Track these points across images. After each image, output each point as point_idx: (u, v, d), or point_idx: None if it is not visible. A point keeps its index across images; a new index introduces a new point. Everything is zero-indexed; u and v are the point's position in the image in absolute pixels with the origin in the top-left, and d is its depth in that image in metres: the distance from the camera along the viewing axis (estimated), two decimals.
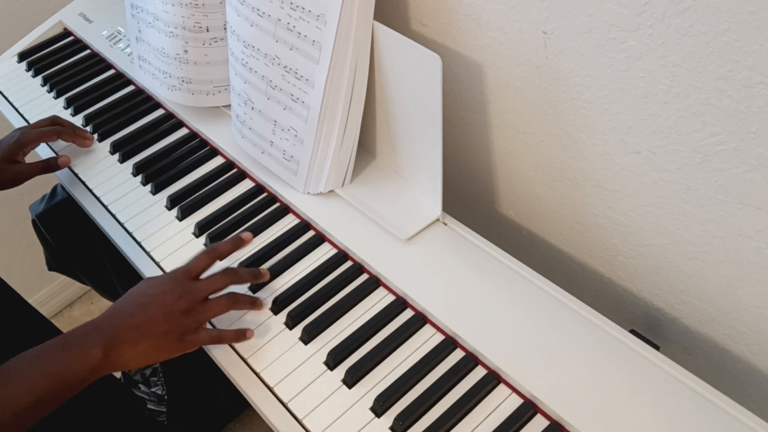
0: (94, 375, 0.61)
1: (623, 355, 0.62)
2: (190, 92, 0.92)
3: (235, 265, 0.77)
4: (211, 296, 0.67)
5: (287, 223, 0.81)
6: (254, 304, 0.71)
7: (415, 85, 0.71)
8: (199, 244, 0.80)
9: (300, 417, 0.63)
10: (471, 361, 0.65)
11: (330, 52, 0.71)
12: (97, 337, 0.61)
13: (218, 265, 0.72)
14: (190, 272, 0.68)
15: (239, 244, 0.72)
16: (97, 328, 0.63)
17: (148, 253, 0.81)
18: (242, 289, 0.74)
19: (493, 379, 0.63)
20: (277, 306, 0.72)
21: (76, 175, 0.93)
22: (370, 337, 0.68)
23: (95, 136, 0.98)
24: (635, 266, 0.76)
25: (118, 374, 1.28)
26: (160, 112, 1.00)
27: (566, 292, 0.68)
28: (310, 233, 0.79)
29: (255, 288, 0.74)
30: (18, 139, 0.89)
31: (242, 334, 0.68)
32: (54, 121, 0.94)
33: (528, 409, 0.61)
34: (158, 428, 1.18)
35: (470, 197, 0.93)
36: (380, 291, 0.72)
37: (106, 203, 0.88)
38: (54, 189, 1.11)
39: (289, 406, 0.64)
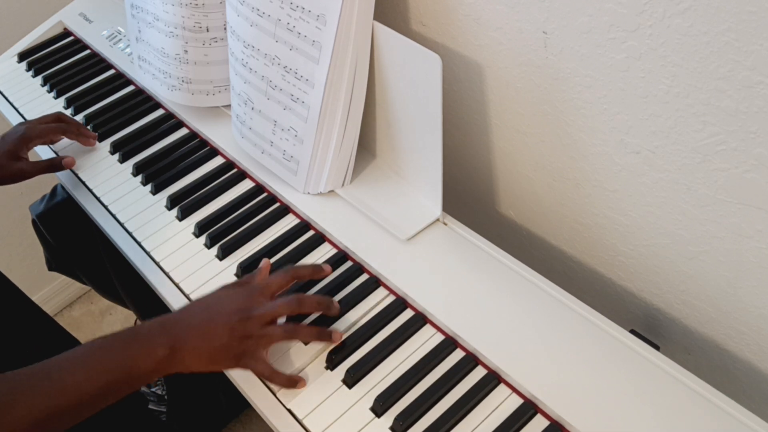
0: (157, 372, 0.61)
1: (623, 355, 0.62)
2: (190, 92, 0.92)
3: (234, 266, 0.77)
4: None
5: (287, 223, 0.81)
6: (321, 336, 0.67)
7: (415, 85, 0.71)
8: (199, 244, 0.80)
9: (300, 417, 0.63)
10: (471, 361, 0.65)
11: (330, 52, 0.71)
12: (165, 336, 0.61)
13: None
14: (265, 290, 0.67)
15: (320, 272, 0.71)
16: (165, 327, 0.63)
17: (148, 253, 0.81)
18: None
19: (493, 379, 0.63)
20: None
21: (76, 175, 0.93)
22: (370, 337, 0.68)
23: (95, 144, 0.98)
24: (635, 266, 0.76)
25: None
26: (160, 112, 1.00)
27: (566, 292, 0.68)
28: (310, 233, 0.79)
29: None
30: (23, 134, 0.89)
31: (294, 382, 0.65)
32: (58, 118, 0.94)
33: (528, 409, 0.61)
34: (158, 427, 1.18)
35: (470, 197, 0.93)
36: (380, 291, 0.72)
37: (106, 203, 0.88)
38: (54, 189, 1.11)
39: (289, 406, 0.64)
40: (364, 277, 0.74)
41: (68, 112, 1.04)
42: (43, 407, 0.55)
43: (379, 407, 0.62)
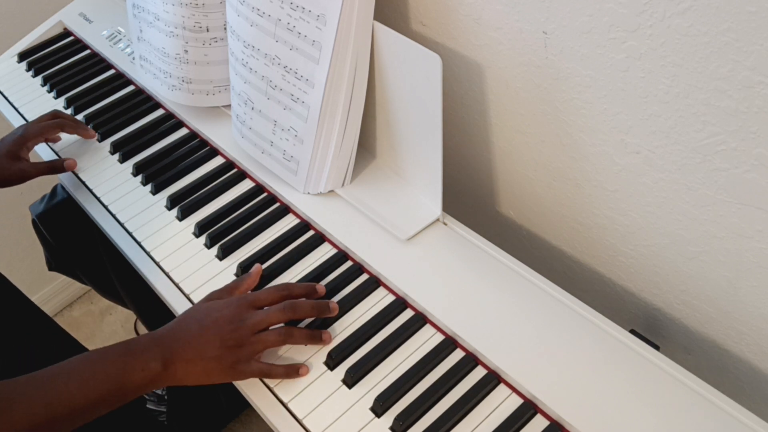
0: (151, 386, 0.61)
1: (623, 355, 0.62)
2: (190, 92, 0.92)
3: (234, 266, 0.77)
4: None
5: (287, 223, 0.81)
6: (313, 338, 0.67)
7: (415, 85, 0.71)
8: (199, 244, 0.80)
9: (300, 417, 0.63)
10: (471, 361, 0.65)
11: (330, 52, 0.71)
12: (157, 350, 0.62)
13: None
14: (255, 303, 0.67)
15: (312, 292, 0.70)
16: (158, 341, 0.63)
17: (148, 253, 0.81)
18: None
19: (493, 379, 0.63)
20: None
21: (76, 175, 0.93)
22: (370, 337, 0.68)
23: (95, 135, 0.98)
24: (635, 266, 0.76)
25: None
26: (160, 112, 1.00)
27: (566, 292, 0.68)
28: (310, 233, 0.79)
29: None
30: (22, 134, 0.90)
31: (294, 370, 0.65)
32: (55, 115, 0.94)
33: (528, 409, 0.61)
34: (158, 428, 1.18)
35: (470, 197, 0.93)
36: (380, 291, 0.72)
37: (106, 203, 0.88)
38: (54, 189, 1.11)
39: (289, 406, 0.64)
40: (364, 277, 0.74)
41: (68, 112, 1.04)
42: (38, 415, 0.56)
43: (379, 407, 0.62)
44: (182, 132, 0.96)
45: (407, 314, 0.70)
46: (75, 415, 0.58)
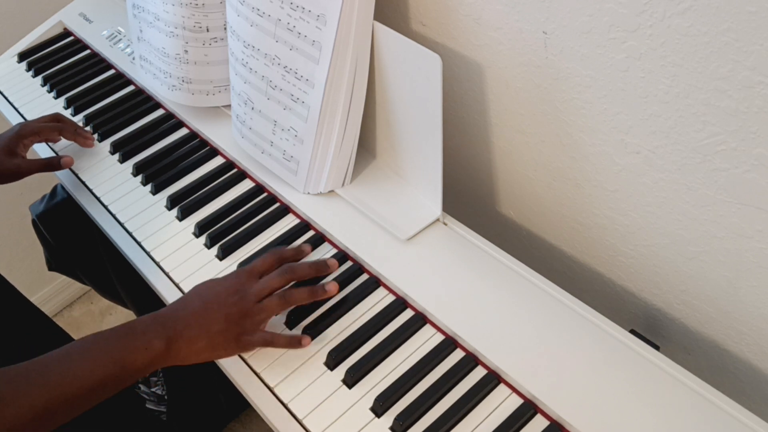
0: (153, 365, 0.61)
1: (623, 355, 0.62)
2: (190, 92, 0.92)
3: (234, 266, 0.77)
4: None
5: (287, 223, 0.81)
6: (315, 293, 0.68)
7: (415, 85, 0.71)
8: (199, 244, 0.80)
9: (300, 417, 0.63)
10: (471, 361, 0.65)
11: (330, 52, 0.71)
12: (160, 329, 0.62)
13: None
14: (254, 271, 0.68)
15: (300, 254, 0.73)
16: (160, 320, 0.63)
17: (148, 253, 0.81)
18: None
19: (493, 379, 0.63)
20: None
21: (76, 175, 0.93)
22: (370, 337, 0.68)
23: (95, 136, 0.98)
24: (635, 266, 0.76)
25: None
26: (160, 112, 1.00)
27: (566, 292, 0.68)
28: (310, 233, 0.79)
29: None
30: (18, 130, 0.89)
31: (297, 341, 0.66)
32: (56, 118, 0.94)
33: (528, 409, 0.61)
34: (158, 428, 1.18)
35: (470, 197, 0.93)
36: (380, 291, 0.72)
37: (106, 203, 0.88)
38: (54, 189, 1.11)
39: (289, 406, 0.64)
40: (364, 277, 0.74)
41: (68, 112, 1.04)
42: (41, 400, 0.56)
43: (379, 407, 0.62)
44: (182, 132, 0.96)
45: (407, 314, 0.70)
46: (79, 399, 0.58)
